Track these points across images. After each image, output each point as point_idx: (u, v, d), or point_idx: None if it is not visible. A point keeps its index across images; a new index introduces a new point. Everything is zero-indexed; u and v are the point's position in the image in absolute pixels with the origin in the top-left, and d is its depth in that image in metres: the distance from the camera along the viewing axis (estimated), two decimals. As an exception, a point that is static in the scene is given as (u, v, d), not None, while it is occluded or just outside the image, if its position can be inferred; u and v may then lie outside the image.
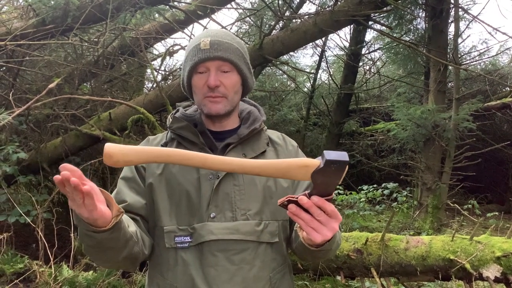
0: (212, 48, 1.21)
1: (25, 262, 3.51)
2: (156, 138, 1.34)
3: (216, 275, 1.15)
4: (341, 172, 0.92)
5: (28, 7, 4.64)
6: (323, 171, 0.92)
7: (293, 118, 8.75)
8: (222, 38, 1.24)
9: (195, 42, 1.24)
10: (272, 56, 4.83)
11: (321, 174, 0.92)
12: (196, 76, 1.24)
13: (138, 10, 4.52)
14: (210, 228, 1.16)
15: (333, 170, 0.91)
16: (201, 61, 1.21)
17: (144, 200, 1.23)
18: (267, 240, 1.21)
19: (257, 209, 1.21)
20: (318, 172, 0.92)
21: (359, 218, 5.54)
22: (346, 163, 0.91)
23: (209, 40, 1.21)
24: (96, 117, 4.55)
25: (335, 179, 0.94)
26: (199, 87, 1.24)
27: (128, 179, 1.26)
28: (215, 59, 1.21)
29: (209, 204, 1.18)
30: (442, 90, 6.28)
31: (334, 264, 2.77)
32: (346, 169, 0.92)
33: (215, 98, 1.22)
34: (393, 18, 6.57)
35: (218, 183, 1.19)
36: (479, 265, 2.41)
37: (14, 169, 3.89)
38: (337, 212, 0.97)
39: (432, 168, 6.06)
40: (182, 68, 1.30)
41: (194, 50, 1.23)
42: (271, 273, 1.22)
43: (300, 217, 0.96)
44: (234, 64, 1.24)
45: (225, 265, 1.15)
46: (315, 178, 0.93)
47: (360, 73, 9.45)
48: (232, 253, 1.16)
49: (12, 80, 4.80)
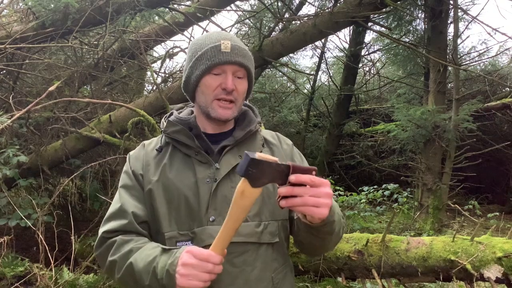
0: (233, 52, 1.21)
1: (25, 265, 3.50)
2: (151, 143, 1.33)
3: (219, 279, 1.14)
4: (262, 165, 0.97)
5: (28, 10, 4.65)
6: (256, 177, 0.97)
7: (293, 120, 8.76)
8: (240, 43, 1.24)
9: (213, 43, 1.22)
10: (272, 57, 4.84)
11: (260, 178, 0.98)
12: (210, 76, 1.22)
13: (138, 12, 4.53)
14: (210, 232, 1.16)
15: (258, 171, 0.96)
16: (221, 63, 1.20)
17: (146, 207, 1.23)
18: (268, 240, 1.21)
19: (256, 210, 1.21)
20: (254, 180, 0.98)
21: (359, 219, 5.53)
22: (251, 159, 0.96)
23: (230, 44, 1.21)
24: (96, 119, 4.55)
25: (272, 171, 0.98)
26: (211, 87, 1.22)
27: (129, 187, 1.25)
28: (235, 64, 1.21)
29: (208, 207, 1.18)
30: (442, 91, 6.28)
31: (335, 266, 2.77)
32: (262, 161, 0.96)
33: (227, 104, 1.22)
34: (393, 19, 6.58)
35: (216, 186, 1.19)
36: (480, 265, 2.40)
37: (14, 172, 3.88)
38: (319, 180, 1.00)
39: (433, 169, 6.06)
40: (188, 65, 1.26)
41: (213, 50, 1.21)
42: (273, 274, 1.22)
43: (294, 193, 0.99)
44: (248, 71, 1.25)
45: (227, 268, 1.15)
46: (261, 182, 0.99)
47: (360, 74, 9.47)
48: (233, 256, 1.16)
49: (12, 83, 4.81)
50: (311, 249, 1.29)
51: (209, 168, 1.22)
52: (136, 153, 1.32)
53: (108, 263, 1.19)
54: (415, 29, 7.04)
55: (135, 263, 1.11)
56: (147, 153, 1.29)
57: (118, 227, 1.20)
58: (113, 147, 4.46)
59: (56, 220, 3.68)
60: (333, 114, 8.79)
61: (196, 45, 1.26)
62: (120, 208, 1.22)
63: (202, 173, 1.21)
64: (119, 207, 1.22)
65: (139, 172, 1.25)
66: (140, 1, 4.37)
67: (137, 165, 1.27)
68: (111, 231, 1.20)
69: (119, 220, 1.21)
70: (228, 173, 1.20)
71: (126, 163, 1.31)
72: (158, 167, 1.25)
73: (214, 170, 1.21)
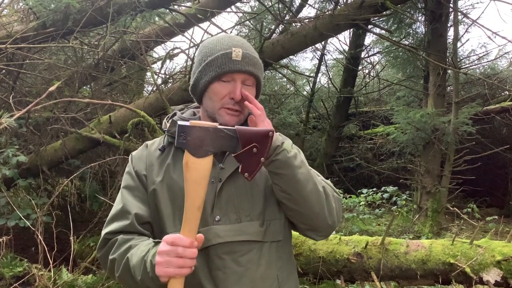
0: (244, 61, 1.20)
1: (24, 266, 3.50)
2: (153, 143, 1.33)
3: (225, 278, 1.15)
4: (195, 131, 0.98)
5: (28, 10, 4.66)
6: (194, 145, 0.98)
7: (293, 122, 8.76)
8: (251, 51, 1.24)
9: (224, 49, 1.21)
10: (273, 59, 4.85)
11: (200, 146, 0.99)
12: (219, 83, 1.22)
13: (138, 13, 4.54)
14: (216, 232, 1.17)
15: (194, 138, 0.98)
16: (231, 72, 1.20)
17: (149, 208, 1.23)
18: (271, 239, 1.22)
19: (260, 209, 1.22)
20: (194, 149, 0.99)
21: (358, 222, 5.53)
22: (179, 126, 0.98)
23: (241, 52, 1.20)
24: (96, 120, 4.55)
25: (213, 137, 1.00)
26: (220, 95, 1.22)
27: (131, 188, 1.25)
28: (245, 73, 1.21)
29: (213, 207, 1.19)
30: (442, 94, 6.28)
31: (334, 268, 2.77)
32: (192, 126, 0.99)
33: (233, 112, 1.22)
34: (393, 21, 6.59)
35: (221, 186, 1.20)
36: (479, 269, 2.41)
37: (13, 172, 3.88)
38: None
39: (432, 172, 6.06)
40: (197, 69, 1.26)
41: (223, 58, 1.20)
42: (277, 272, 1.23)
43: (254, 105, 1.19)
44: (257, 80, 1.26)
45: (232, 267, 1.16)
46: (204, 151, 1.00)
47: (359, 76, 9.47)
48: (238, 255, 1.17)
49: (12, 83, 4.80)
50: (298, 216, 1.22)
51: (213, 168, 1.21)
52: (138, 154, 1.31)
53: (109, 262, 1.19)
54: (415, 32, 7.06)
55: (131, 259, 1.12)
56: (150, 154, 1.28)
57: (120, 228, 1.20)
58: (112, 147, 4.46)
59: (55, 220, 3.68)
60: (333, 116, 8.79)
61: (207, 49, 1.25)
62: (123, 209, 1.22)
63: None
64: (122, 208, 1.22)
65: (142, 172, 1.25)
66: (141, 2, 4.38)
67: (140, 166, 1.27)
68: (114, 232, 1.21)
69: (121, 221, 1.21)
70: (232, 173, 1.21)
71: (129, 164, 1.31)
72: (161, 167, 1.25)
73: (218, 170, 1.21)
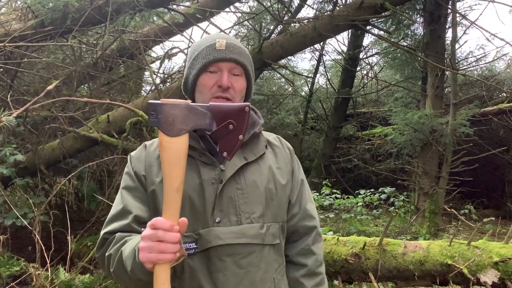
0: (228, 50, 1.21)
1: (21, 265, 3.48)
2: (153, 144, 1.32)
3: (225, 280, 1.15)
4: (166, 109, 0.98)
5: (27, 8, 4.64)
6: (166, 123, 0.98)
7: (291, 122, 8.77)
8: (236, 42, 1.26)
9: (209, 42, 1.24)
10: (271, 60, 4.85)
11: (173, 124, 0.98)
12: (206, 75, 1.23)
13: (137, 12, 4.53)
14: (216, 233, 1.16)
15: (165, 116, 0.98)
16: (216, 61, 1.21)
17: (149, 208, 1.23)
18: (270, 242, 1.23)
19: (260, 212, 1.22)
20: (167, 127, 0.98)
21: (356, 223, 5.53)
22: (149, 104, 0.99)
23: (225, 42, 1.22)
24: (94, 119, 4.54)
25: (186, 115, 0.99)
26: (208, 86, 1.22)
27: (131, 189, 1.25)
28: (230, 61, 1.22)
29: (213, 209, 1.18)
30: (440, 95, 6.30)
31: (332, 269, 2.76)
32: (163, 104, 0.98)
33: (223, 101, 1.21)
34: (391, 23, 6.60)
35: (222, 188, 1.19)
36: (476, 270, 2.41)
37: (11, 171, 3.87)
38: None
39: (429, 173, 6.07)
40: (187, 66, 1.28)
41: (208, 49, 1.22)
42: (274, 274, 1.23)
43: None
44: (245, 69, 1.25)
45: (233, 269, 1.15)
46: (178, 129, 0.99)
47: (357, 77, 9.50)
48: (239, 257, 1.17)
49: (10, 81, 4.79)
50: None
51: (214, 169, 1.21)
52: (137, 154, 1.31)
53: (106, 259, 1.18)
54: (414, 33, 7.08)
55: (124, 251, 1.11)
56: (149, 154, 1.28)
57: (119, 228, 1.20)
58: (110, 147, 4.45)
59: (52, 219, 3.67)
60: (331, 117, 8.80)
61: (194, 46, 1.28)
62: (123, 209, 1.21)
63: (207, 174, 1.20)
64: (122, 208, 1.22)
65: (141, 173, 1.25)
66: (140, 1, 4.37)
67: (139, 166, 1.26)
68: (112, 232, 1.20)
69: (121, 222, 1.20)
70: (233, 174, 1.21)
71: (128, 164, 1.30)
72: (161, 168, 1.24)
73: (219, 172, 1.21)
